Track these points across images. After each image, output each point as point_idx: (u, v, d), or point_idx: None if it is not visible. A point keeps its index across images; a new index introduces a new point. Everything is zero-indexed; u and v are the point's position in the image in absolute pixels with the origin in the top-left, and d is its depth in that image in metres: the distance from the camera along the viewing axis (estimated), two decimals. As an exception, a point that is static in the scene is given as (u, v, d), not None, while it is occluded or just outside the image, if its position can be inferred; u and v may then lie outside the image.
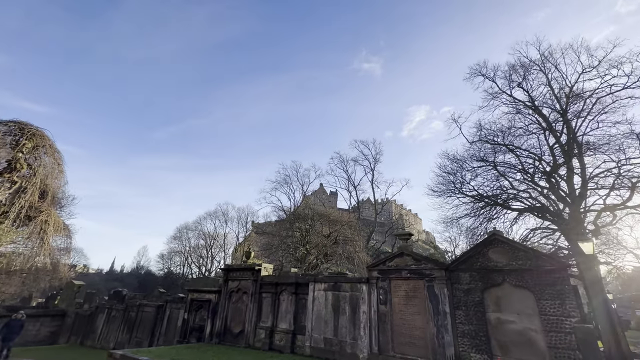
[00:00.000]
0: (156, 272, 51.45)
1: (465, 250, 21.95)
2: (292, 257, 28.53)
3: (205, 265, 46.85)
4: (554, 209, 16.75)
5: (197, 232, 48.99)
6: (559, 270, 7.97)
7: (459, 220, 20.19)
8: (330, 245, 27.63)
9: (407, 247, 10.88)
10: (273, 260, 28.56)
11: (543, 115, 17.99)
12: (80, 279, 26.08)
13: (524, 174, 18.20)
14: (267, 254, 29.81)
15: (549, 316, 7.71)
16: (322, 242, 27.33)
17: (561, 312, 7.60)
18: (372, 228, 44.87)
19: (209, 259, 47.07)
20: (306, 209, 35.43)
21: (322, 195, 71.19)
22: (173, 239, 49.69)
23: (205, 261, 47.20)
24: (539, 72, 18.74)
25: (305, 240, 27.42)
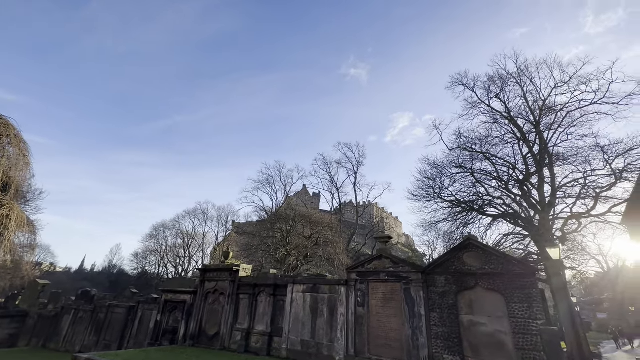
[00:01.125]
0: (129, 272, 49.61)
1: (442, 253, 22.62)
2: (272, 258, 28.26)
3: (182, 265, 45.65)
4: (526, 215, 17.55)
5: (175, 230, 47.74)
6: (528, 274, 8.32)
7: (437, 225, 20.75)
8: (311, 247, 27.60)
9: (386, 250, 11.02)
10: (253, 261, 28.20)
11: (518, 126, 18.83)
12: (45, 278, 24.65)
13: (499, 181, 18.96)
14: (246, 254, 29.40)
15: (517, 319, 8.03)
16: (303, 243, 27.26)
17: (529, 314, 7.93)
18: (353, 230, 45.21)
19: (186, 259, 45.95)
20: (288, 209, 35.26)
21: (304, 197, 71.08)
22: (149, 237, 48.07)
23: (182, 261, 45.99)
24: (516, 85, 19.64)
25: (286, 241, 27.26)
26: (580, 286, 40.09)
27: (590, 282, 37.84)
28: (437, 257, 10.90)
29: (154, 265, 48.52)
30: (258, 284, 12.87)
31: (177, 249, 47.20)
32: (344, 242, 33.80)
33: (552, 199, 16.67)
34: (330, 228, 31.60)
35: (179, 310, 14.19)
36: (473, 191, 19.64)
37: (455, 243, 17.98)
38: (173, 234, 47.82)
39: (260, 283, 12.84)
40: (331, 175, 48.46)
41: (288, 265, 25.92)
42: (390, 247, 11.72)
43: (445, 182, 20.54)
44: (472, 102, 20.80)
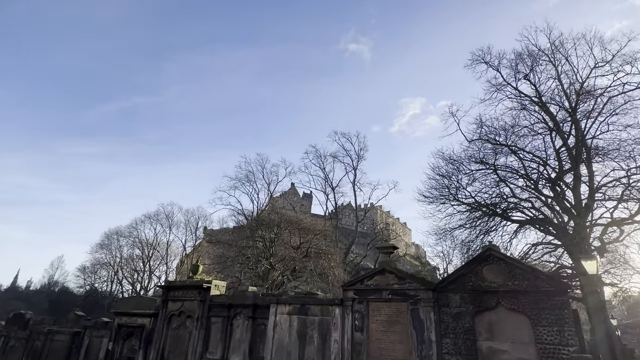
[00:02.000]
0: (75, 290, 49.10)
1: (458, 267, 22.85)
2: (252, 273, 28.19)
3: (140, 281, 45.36)
4: (558, 221, 17.85)
5: (132, 239, 47.46)
6: (559, 292, 8.47)
7: (452, 232, 20.98)
8: (300, 259, 27.67)
9: (391, 262, 11.09)
10: (228, 277, 28.10)
11: (550, 113, 19.10)
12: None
13: (527, 180, 19.23)
14: (220, 268, 29.36)
15: (545, 345, 8.17)
16: (290, 255, 27.30)
17: (559, 340, 8.08)
18: (352, 239, 45.37)
19: (145, 274, 45.70)
20: (272, 213, 35.27)
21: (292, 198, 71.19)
22: (100, 247, 47.57)
23: (140, 276, 45.68)
24: (548, 64, 19.88)
25: (269, 252, 27.28)
26: (621, 306, 41.04)
27: (634, 301, 38.74)
28: (452, 272, 11.01)
29: (105, 282, 48.11)
30: (234, 304, 12.83)
31: (135, 261, 46.84)
32: (340, 254, 33.95)
33: (589, 201, 16.98)
34: (323, 236, 31.68)
35: (136, 336, 14.08)
36: (496, 192, 19.90)
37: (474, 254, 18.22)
38: (129, 243, 47.53)
39: (236, 303, 12.80)
40: (325, 172, 48.50)
41: (271, 281, 25.92)
42: (395, 259, 11.84)
43: (462, 180, 20.77)
44: (496, 84, 21.02)
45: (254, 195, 48.80)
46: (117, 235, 48.04)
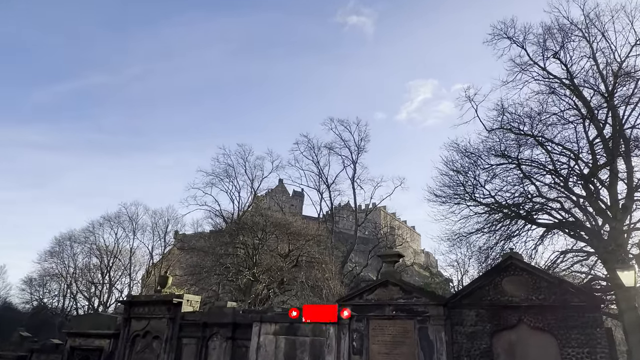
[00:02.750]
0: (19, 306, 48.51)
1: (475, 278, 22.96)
2: (231, 286, 28.14)
3: (98, 295, 45.12)
4: (592, 225, 18.06)
5: (89, 245, 47.05)
6: (591, 307, 8.61)
7: (468, 237, 21.06)
8: (289, 270, 27.71)
9: (395, 273, 11.16)
10: (203, 290, 28.02)
11: (583, 99, 19.26)
12: None
13: (555, 176, 19.42)
14: (194, 280, 29.32)
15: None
16: (276, 264, 27.32)
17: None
18: (350, 245, 45.57)
19: (105, 287, 45.42)
20: (256, 215, 35.25)
21: (280, 196, 71.33)
22: (49, 255, 47.09)
23: (99, 290, 45.44)
24: (582, 40, 20.01)
25: (252, 261, 27.29)
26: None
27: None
28: (467, 284, 11.10)
29: (56, 296, 47.67)
30: (210, 322, 12.83)
31: (92, 272, 46.47)
32: (337, 263, 34.05)
33: (627, 201, 17.18)
34: (317, 242, 31.69)
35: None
36: (519, 190, 20.06)
37: (493, 263, 18.39)
38: (85, 251, 47.15)
39: (213, 321, 12.80)
40: (319, 166, 48.44)
41: (255, 295, 25.95)
42: (401, 270, 11.91)
43: (480, 177, 20.89)
44: (521, 64, 21.09)
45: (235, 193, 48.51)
46: (70, 241, 47.53)
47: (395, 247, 46.86)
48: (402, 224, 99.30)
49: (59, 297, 47.56)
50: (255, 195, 49.38)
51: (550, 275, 9.37)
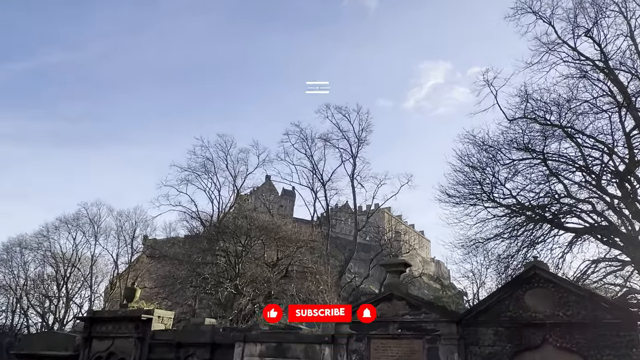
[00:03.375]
0: (-40, 324, 48.24)
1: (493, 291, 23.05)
2: (210, 300, 28.06)
3: (54, 311, 44.74)
4: (627, 230, 18.20)
5: (42, 252, 46.69)
6: (627, 325, 8.65)
7: (485, 244, 21.19)
8: (278, 281, 27.72)
9: (401, 285, 11.18)
10: (177, 305, 27.91)
11: (619, 84, 19.37)
12: None
13: (586, 173, 19.55)
14: (166, 293, 29.26)
15: (606, 395, 8.39)
16: (263, 274, 27.33)
17: (625, 389, 8.29)
18: (349, 253, 45.41)
19: (61, 301, 44.98)
20: (239, 217, 35.12)
21: (268, 195, 71.10)
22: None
23: (54, 304, 45.10)
24: (618, 16, 20.14)
25: (234, 271, 27.28)
26: None
27: None
28: (484, 298, 11.16)
29: (3, 312, 47.33)
30: (185, 342, 12.77)
31: (46, 283, 46.20)
32: (333, 273, 34.05)
33: (668, 203, 17.37)
34: (310, 249, 31.60)
35: (47, 388, 14.01)
36: (545, 189, 20.18)
37: (514, 274, 18.51)
38: (38, 259, 46.85)
39: (188, 341, 12.74)
40: (313, 161, 48.22)
41: (238, 311, 25.94)
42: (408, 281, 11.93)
43: (500, 173, 21.01)
44: (548, 43, 21.23)
45: (214, 192, 48.18)
46: (20, 248, 47.22)
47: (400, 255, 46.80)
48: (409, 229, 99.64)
49: (7, 313, 47.29)
50: (238, 194, 49.26)
51: (580, 288, 9.43)
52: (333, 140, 48.31)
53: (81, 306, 46.08)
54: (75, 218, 48.24)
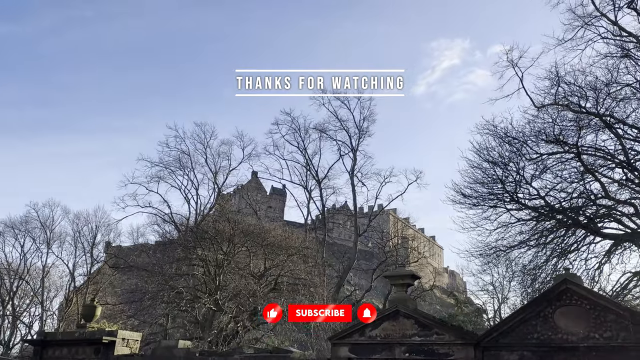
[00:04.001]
0: None
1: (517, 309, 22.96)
2: (185, 318, 27.90)
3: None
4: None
5: (-18, 261, 46.51)
6: (674, 349, 8.61)
7: (509, 252, 21.11)
8: (266, 295, 27.63)
9: (408, 300, 11.09)
10: (146, 324, 27.77)
11: (666, 63, 19.33)
12: None
13: (628, 170, 19.47)
14: (133, 310, 29.05)
15: None
16: (248, 287, 27.22)
17: None
18: (348, 261, 45.52)
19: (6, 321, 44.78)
20: (221, 220, 34.92)
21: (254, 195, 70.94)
22: None
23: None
24: (665, -17, 20.00)
25: (214, 283, 27.16)
26: None
27: None
28: (506, 317, 11.08)
29: None
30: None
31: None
32: (330, 285, 34.10)
33: None
34: (303, 257, 31.46)
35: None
36: (578, 189, 20.11)
37: (542, 288, 18.48)
38: (-23, 269, 46.47)
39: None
40: (307, 155, 48.03)
41: (218, 330, 25.86)
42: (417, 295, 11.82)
43: (526, 170, 20.90)
44: (583, 16, 21.08)
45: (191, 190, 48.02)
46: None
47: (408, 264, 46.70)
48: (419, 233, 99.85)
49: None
50: (219, 193, 49.07)
51: (620, 306, 9.35)
52: (330, 131, 48.27)
53: (30, 326, 45.94)
54: (24, 221, 48.18)
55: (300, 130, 48.58)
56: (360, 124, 47.60)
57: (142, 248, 42.00)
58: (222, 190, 49.76)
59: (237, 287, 27.27)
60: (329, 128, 48.22)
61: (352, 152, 47.46)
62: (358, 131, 47.49)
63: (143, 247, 41.94)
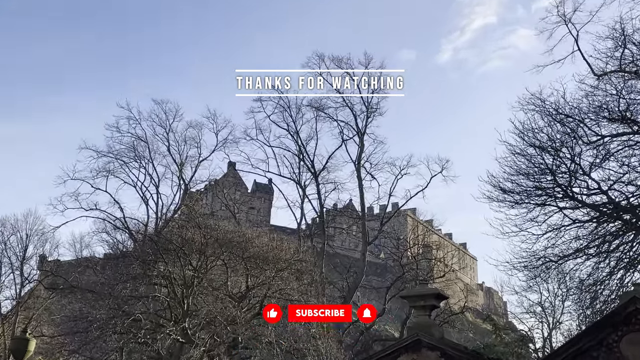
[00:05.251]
0: None
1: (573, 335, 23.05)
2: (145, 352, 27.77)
3: None
4: None
5: None
6: None
7: (562, 264, 21.21)
8: (248, 321, 27.66)
9: (433, 327, 11.13)
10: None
11: None
12: None
13: None
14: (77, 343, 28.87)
15: None
16: (226, 312, 27.25)
17: None
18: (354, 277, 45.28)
19: None
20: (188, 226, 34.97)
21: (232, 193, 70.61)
22: None
23: None
24: None
25: (182, 307, 27.14)
26: None
27: None
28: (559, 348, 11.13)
29: None
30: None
31: None
32: (332, 309, 34.03)
33: None
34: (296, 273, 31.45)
35: None
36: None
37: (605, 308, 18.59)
38: None
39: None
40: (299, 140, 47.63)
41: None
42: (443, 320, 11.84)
43: (583, 157, 20.93)
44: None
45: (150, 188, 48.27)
46: None
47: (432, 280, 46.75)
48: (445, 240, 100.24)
49: None
50: (186, 191, 48.88)
51: None
52: (329, 109, 48.00)
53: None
54: None
55: (290, 109, 48.38)
56: (369, 99, 47.11)
57: (87, 263, 41.92)
58: (190, 187, 49.67)
59: (211, 313, 27.30)
60: (328, 105, 47.90)
61: (357, 136, 47.18)
62: (366, 109, 47.00)
63: (88, 262, 41.84)
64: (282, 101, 48.04)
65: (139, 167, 47.28)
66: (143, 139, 47.51)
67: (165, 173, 48.17)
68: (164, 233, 36.46)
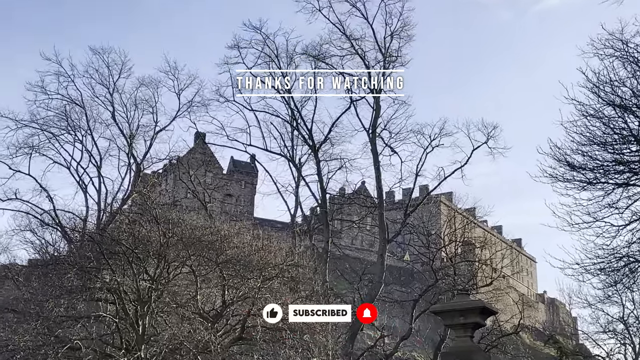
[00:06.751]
0: None
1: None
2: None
3: None
4: None
5: None
6: None
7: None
8: (226, 348, 27.81)
9: (476, 352, 11.25)
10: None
11: None
12: None
13: None
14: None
15: None
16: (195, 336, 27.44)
17: None
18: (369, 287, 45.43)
19: None
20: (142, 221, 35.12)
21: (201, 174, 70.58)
22: None
23: None
24: None
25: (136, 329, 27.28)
26: None
27: None
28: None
29: None
30: None
31: None
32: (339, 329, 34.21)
33: None
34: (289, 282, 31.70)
35: None
36: None
37: None
38: None
39: None
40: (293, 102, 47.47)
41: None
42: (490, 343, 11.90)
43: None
44: None
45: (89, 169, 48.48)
46: None
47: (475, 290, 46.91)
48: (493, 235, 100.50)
49: None
50: (139, 172, 48.70)
51: None
52: (333, 57, 47.57)
53: None
54: None
55: (279, 58, 47.88)
56: (386, 43, 46.46)
57: (5, 272, 41.96)
58: (143, 167, 49.31)
59: (176, 337, 27.45)
60: (331, 52, 47.38)
61: (372, 95, 46.59)
62: (382, 56, 46.30)
63: (7, 271, 41.84)
64: (268, 48, 47.54)
65: (74, 141, 46.91)
66: (78, 102, 46.98)
67: (109, 148, 47.62)
68: (110, 230, 36.50)
